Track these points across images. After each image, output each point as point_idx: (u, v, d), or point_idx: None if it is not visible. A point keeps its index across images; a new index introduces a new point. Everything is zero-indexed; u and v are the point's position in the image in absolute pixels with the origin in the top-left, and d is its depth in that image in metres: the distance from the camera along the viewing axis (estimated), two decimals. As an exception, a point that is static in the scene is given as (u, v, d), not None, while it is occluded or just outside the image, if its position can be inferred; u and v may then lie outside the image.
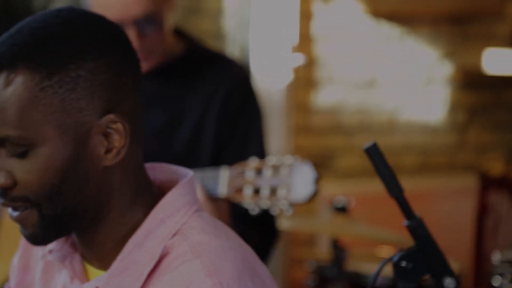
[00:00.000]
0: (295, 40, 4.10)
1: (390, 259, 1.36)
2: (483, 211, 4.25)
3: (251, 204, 1.97)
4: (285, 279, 4.17)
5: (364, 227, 2.80)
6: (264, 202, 1.95)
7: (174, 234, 1.22)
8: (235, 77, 2.21)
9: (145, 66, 2.15)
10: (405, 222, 1.38)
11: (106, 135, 1.20)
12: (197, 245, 1.20)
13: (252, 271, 1.21)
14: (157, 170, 1.30)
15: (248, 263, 1.21)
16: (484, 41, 4.43)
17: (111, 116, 1.19)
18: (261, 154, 2.16)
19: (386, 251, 3.13)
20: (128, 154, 1.21)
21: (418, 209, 4.59)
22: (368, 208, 3.66)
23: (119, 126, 1.20)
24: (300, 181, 1.92)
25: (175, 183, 1.26)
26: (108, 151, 1.20)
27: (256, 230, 2.15)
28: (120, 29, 1.25)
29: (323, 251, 3.48)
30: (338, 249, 2.78)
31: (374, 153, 1.39)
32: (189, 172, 1.28)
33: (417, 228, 1.37)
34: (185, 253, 1.19)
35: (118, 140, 1.20)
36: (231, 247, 1.21)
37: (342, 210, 2.77)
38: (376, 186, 1.44)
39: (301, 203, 1.94)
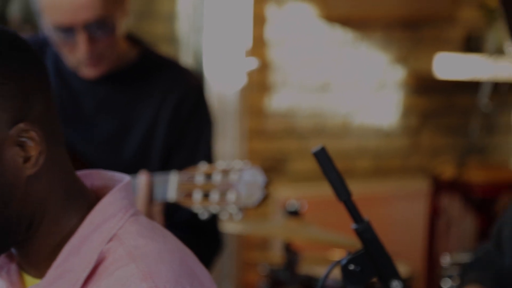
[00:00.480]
0: (249, 44, 4.11)
1: (338, 263, 1.37)
2: (435, 214, 4.29)
3: (200, 209, 1.97)
4: (239, 282, 4.17)
5: (317, 230, 2.81)
6: (214, 206, 1.96)
7: (110, 239, 1.21)
8: (186, 85, 2.21)
9: (96, 71, 2.13)
10: (353, 225, 1.40)
11: (21, 145, 1.18)
12: (133, 249, 1.19)
13: (191, 273, 1.20)
14: (93, 177, 1.29)
15: (187, 265, 1.21)
16: (436, 46, 4.47)
17: (21, 125, 1.17)
18: (209, 162, 2.16)
19: (338, 254, 3.15)
20: (50, 159, 1.20)
21: (372, 212, 4.61)
22: (321, 212, 3.68)
23: (32, 133, 1.18)
24: (250, 185, 1.93)
25: (111, 189, 1.26)
26: (26, 160, 1.18)
27: (199, 239, 2.15)
28: (12, 32, 1.22)
29: (276, 255, 3.49)
30: (290, 252, 2.79)
31: (322, 157, 1.40)
32: (125, 177, 1.27)
33: (364, 231, 1.38)
34: (121, 258, 1.19)
35: (34, 148, 1.18)
36: (169, 250, 1.21)
37: (294, 213, 2.78)
38: (329, 190, 1.45)
39: (251, 207, 1.95)
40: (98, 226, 1.21)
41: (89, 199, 1.24)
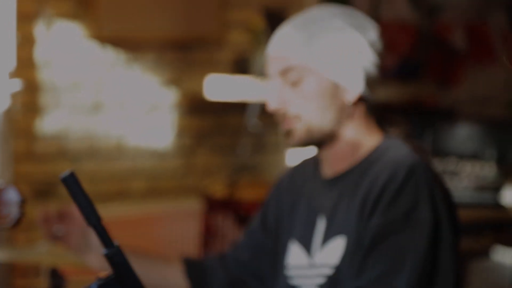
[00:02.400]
0: (14, 65, 4.01)
1: (88, 288, 1.36)
2: (208, 233, 4.35)
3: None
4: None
5: (83, 254, 2.77)
6: (-33, 229, 1.89)
7: None
8: None
9: None
10: (103, 250, 1.39)
11: None
12: None
13: None
14: None
15: None
16: (207, 68, 4.56)
17: None
18: None
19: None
20: None
21: (147, 233, 4.58)
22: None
23: None
24: (4, 205, 1.88)
25: None
26: None
27: None
28: None
29: (44, 281, 3.41)
30: (56, 277, 2.74)
31: (71, 182, 1.38)
32: None
33: (115, 256, 1.38)
34: None
35: None
36: None
37: (61, 238, 2.73)
38: (100, 212, 1.44)
39: (5, 227, 1.90)
40: None
41: None
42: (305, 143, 1.95)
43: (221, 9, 4.57)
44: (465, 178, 3.77)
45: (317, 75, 1.92)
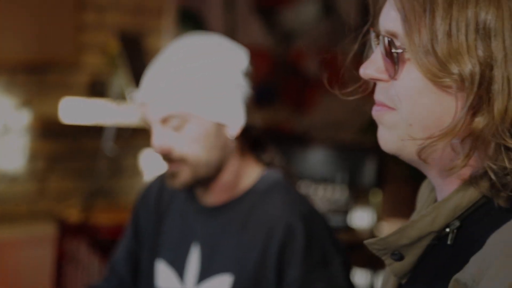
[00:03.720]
0: None
1: None
2: (62, 258, 4.28)
3: None
4: None
5: None
6: None
7: None
8: None
9: None
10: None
11: None
12: None
13: None
14: None
15: None
16: (61, 90, 4.50)
17: None
18: None
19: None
20: None
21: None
22: None
23: None
24: None
25: None
26: None
27: None
28: None
29: None
30: None
31: None
32: None
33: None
34: None
35: None
36: None
37: None
38: None
39: None
40: None
41: None
42: (191, 184, 1.94)
43: (76, 31, 4.53)
44: (318, 202, 3.86)
45: (198, 118, 1.90)
